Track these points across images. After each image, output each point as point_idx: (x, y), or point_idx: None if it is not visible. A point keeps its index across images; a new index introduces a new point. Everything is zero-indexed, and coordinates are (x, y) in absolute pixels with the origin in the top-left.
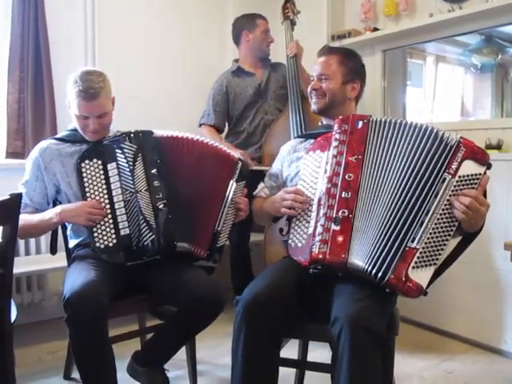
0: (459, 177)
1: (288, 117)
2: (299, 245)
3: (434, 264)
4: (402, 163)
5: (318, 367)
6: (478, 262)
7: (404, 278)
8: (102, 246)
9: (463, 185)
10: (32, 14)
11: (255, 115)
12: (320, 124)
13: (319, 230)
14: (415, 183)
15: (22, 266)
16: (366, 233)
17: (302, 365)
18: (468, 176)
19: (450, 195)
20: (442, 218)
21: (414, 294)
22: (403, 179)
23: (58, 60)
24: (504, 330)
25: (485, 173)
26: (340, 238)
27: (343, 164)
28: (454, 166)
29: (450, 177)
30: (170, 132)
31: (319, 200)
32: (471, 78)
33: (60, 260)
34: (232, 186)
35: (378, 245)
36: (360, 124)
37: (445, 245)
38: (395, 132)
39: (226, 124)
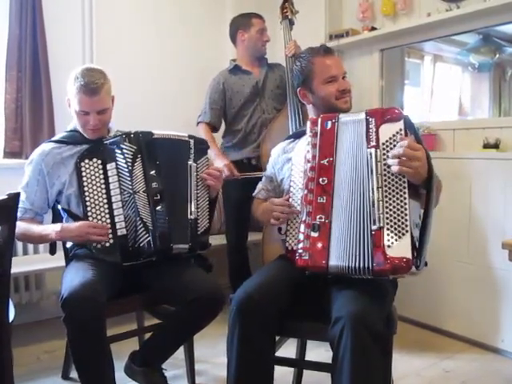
0: (383, 144)
1: (286, 115)
2: (295, 248)
3: (406, 231)
4: (349, 155)
5: (316, 366)
6: (476, 261)
7: (385, 261)
8: (99, 246)
9: (391, 148)
10: (30, 14)
11: (253, 114)
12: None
13: (301, 237)
14: (357, 171)
15: (20, 265)
16: (342, 233)
17: (299, 364)
18: (390, 139)
19: (385, 164)
20: (390, 188)
21: (404, 270)
22: (351, 171)
23: (55, 59)
24: (501, 328)
25: (405, 126)
26: (319, 245)
27: (317, 168)
28: (373, 138)
29: (374, 149)
30: (170, 132)
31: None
32: (469, 77)
33: (58, 259)
34: (191, 167)
35: (351, 241)
36: (329, 124)
37: (405, 209)
38: (351, 127)
39: (223, 122)
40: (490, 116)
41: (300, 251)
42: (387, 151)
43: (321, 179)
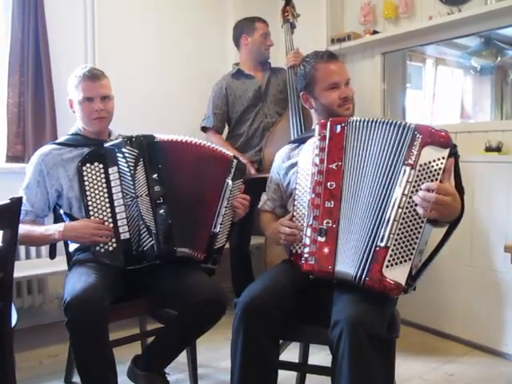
0: (420, 166)
1: (288, 120)
2: (299, 251)
3: (409, 259)
4: (373, 162)
5: (318, 370)
6: (479, 264)
7: (379, 279)
8: (102, 250)
9: (426, 173)
10: (32, 18)
11: (255, 118)
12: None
13: (307, 241)
14: (382, 181)
15: (22, 269)
16: (350, 239)
17: (302, 368)
18: (429, 163)
19: (414, 186)
20: (410, 212)
21: (393, 293)
22: (373, 179)
23: (57, 64)
24: (505, 332)
25: (449, 156)
26: (326, 250)
27: (325, 172)
28: (412, 156)
29: (410, 168)
30: (172, 136)
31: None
32: (471, 81)
33: (60, 264)
34: (227, 185)
35: (357, 249)
36: (338, 128)
37: (417, 238)
38: (368, 132)
39: (226, 126)
40: (492, 119)
41: (306, 255)
42: (421, 174)
43: (329, 183)
